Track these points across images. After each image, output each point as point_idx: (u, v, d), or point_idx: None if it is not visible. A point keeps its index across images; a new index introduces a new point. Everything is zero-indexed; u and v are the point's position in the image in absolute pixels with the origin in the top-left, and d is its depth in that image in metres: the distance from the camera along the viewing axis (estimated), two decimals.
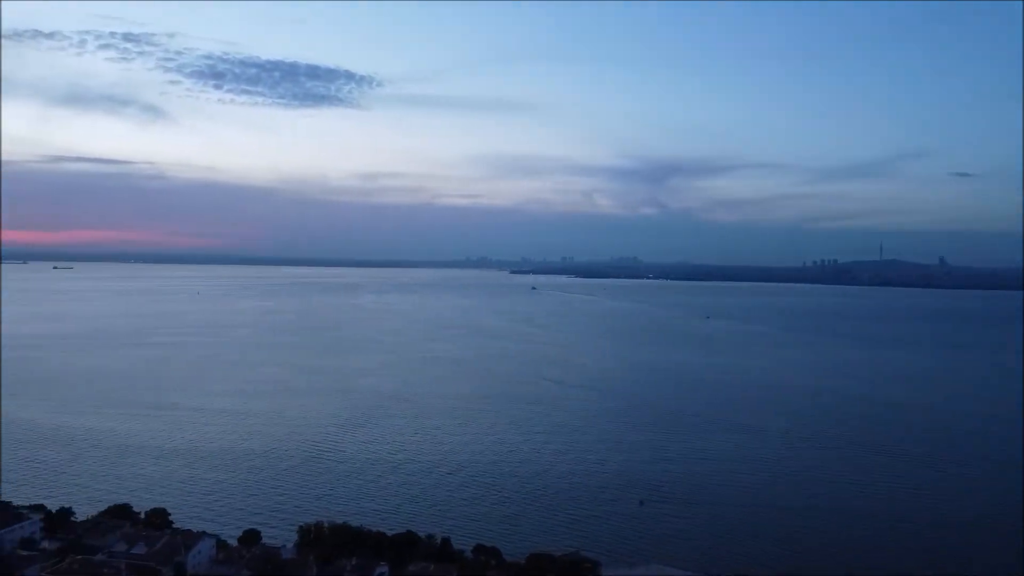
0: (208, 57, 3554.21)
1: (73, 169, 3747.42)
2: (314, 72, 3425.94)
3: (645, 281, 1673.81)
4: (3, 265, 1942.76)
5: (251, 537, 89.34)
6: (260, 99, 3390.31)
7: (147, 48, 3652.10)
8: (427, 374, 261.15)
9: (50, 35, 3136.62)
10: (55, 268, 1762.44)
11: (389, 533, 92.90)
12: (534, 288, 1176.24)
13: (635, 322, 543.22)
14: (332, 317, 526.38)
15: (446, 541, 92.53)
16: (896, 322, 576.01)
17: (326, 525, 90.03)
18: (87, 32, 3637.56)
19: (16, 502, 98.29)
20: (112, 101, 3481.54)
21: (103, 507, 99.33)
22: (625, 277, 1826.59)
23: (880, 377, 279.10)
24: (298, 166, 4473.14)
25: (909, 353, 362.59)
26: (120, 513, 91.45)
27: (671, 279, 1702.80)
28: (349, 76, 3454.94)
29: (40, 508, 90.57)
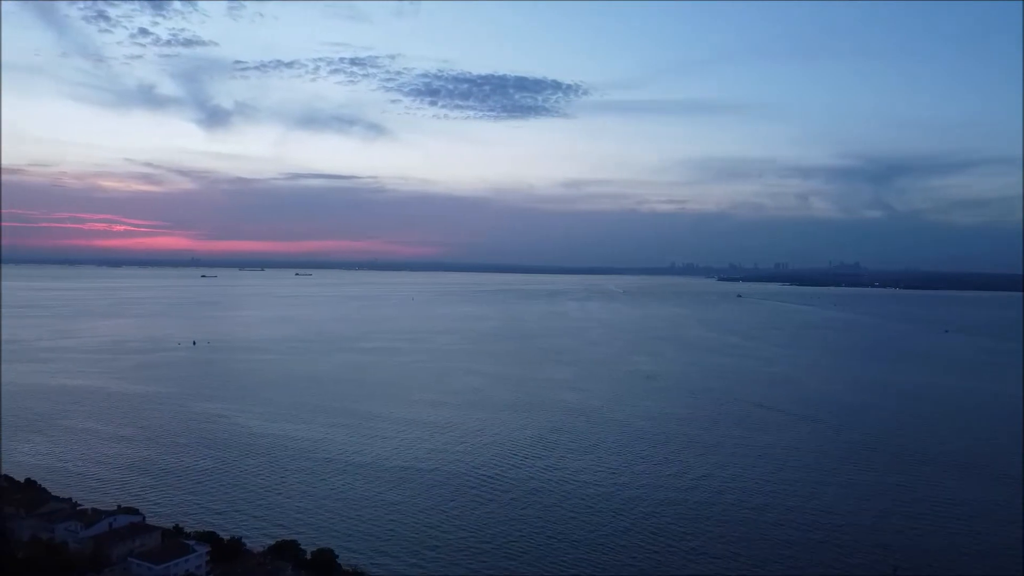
0: (425, 75, 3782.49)
1: (308, 185, 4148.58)
2: (522, 84, 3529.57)
3: (869, 289, 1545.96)
4: (239, 272, 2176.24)
5: None
6: (471, 113, 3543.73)
7: (371, 70, 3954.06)
8: (626, 390, 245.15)
9: (290, 64, 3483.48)
10: (296, 275, 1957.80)
11: None
12: (739, 296, 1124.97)
13: (860, 336, 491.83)
14: (534, 325, 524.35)
15: None
16: None
17: None
18: (320, 59, 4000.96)
19: (191, 527, 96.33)
20: (341, 121, 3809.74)
21: (275, 534, 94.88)
22: (845, 285, 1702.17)
23: None
24: (506, 176, 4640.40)
25: None
26: (286, 552, 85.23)
27: (899, 287, 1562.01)
28: (556, 86, 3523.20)
29: (210, 537, 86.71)
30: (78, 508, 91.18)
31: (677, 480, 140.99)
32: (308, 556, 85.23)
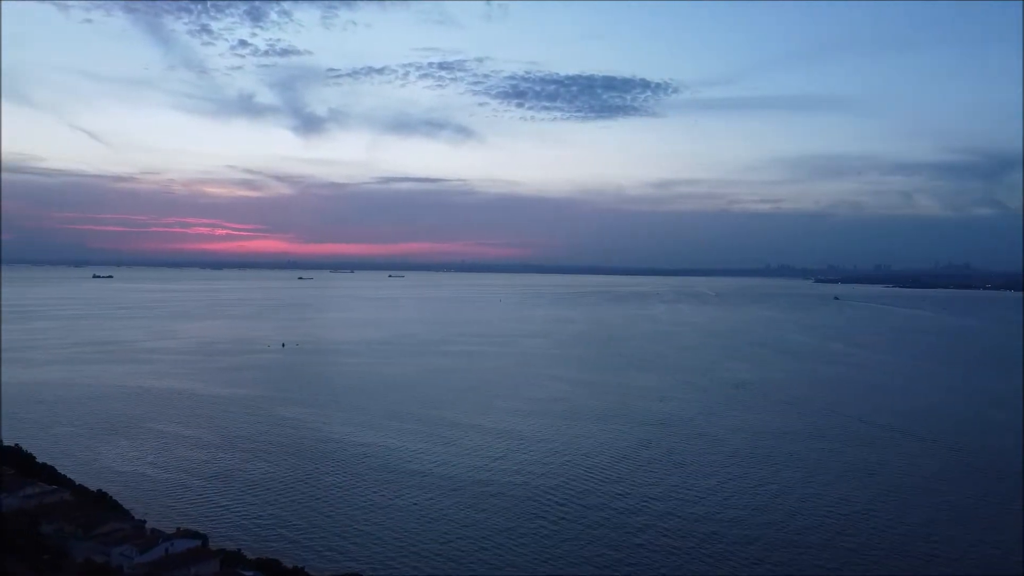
0: (512, 78, 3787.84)
1: (399, 188, 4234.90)
2: (610, 83, 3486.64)
3: (980, 292, 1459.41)
4: (331, 274, 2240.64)
5: None
6: (558, 114, 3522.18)
7: (459, 74, 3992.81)
8: (719, 400, 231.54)
9: (380, 70, 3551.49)
10: (389, 276, 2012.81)
11: None
12: (836, 298, 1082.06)
13: (976, 342, 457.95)
14: (622, 329, 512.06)
15: None
16: None
17: None
18: (410, 64, 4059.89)
19: (256, 549, 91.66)
20: (430, 125, 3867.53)
21: (342, 552, 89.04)
22: (955, 287, 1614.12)
23: None
24: (594, 177, 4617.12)
25: None
26: None
27: (1014, 290, 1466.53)
28: (645, 85, 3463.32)
29: (273, 565, 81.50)
30: (138, 527, 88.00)
31: (772, 503, 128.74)
32: None
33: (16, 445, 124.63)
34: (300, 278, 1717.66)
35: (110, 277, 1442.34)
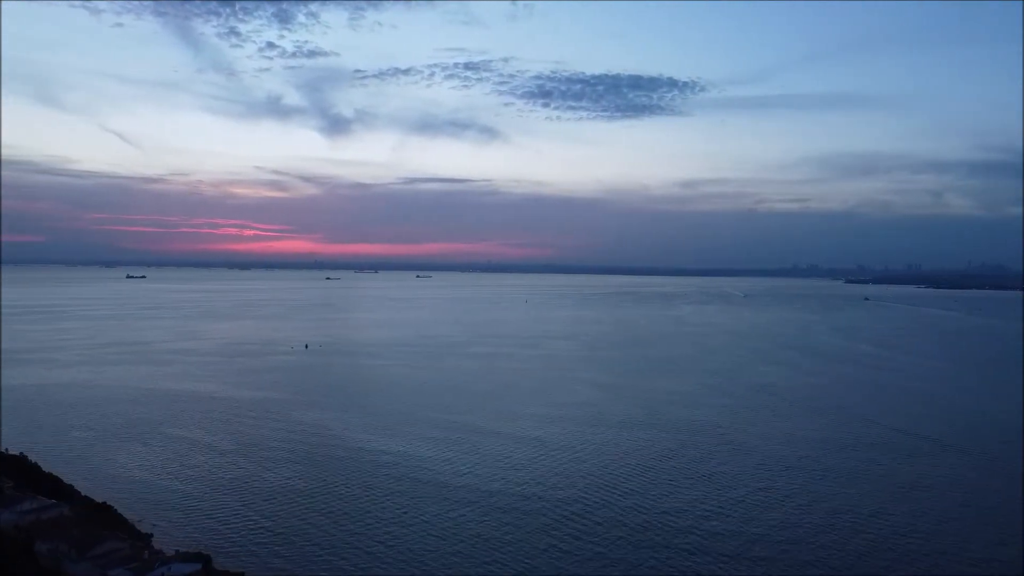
0: (538, 77, 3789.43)
1: (424, 189, 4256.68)
2: (636, 82, 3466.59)
3: (1015, 293, 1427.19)
4: (355, 274, 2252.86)
5: None
6: (584, 113, 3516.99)
7: (484, 74, 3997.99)
8: (748, 406, 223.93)
9: (406, 71, 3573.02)
10: (417, 276, 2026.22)
11: None
12: (866, 299, 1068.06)
13: (1015, 346, 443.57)
14: (648, 330, 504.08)
15: None
16: None
17: None
18: (435, 65, 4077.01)
19: (261, 573, 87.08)
20: (455, 126, 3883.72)
21: None
22: (989, 288, 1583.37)
23: None
24: (619, 177, 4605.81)
25: None
26: None
27: None
28: (671, 83, 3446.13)
29: None
30: (137, 546, 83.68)
31: (806, 517, 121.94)
32: None
33: (21, 454, 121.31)
34: (328, 278, 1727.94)
35: (143, 277, 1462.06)
